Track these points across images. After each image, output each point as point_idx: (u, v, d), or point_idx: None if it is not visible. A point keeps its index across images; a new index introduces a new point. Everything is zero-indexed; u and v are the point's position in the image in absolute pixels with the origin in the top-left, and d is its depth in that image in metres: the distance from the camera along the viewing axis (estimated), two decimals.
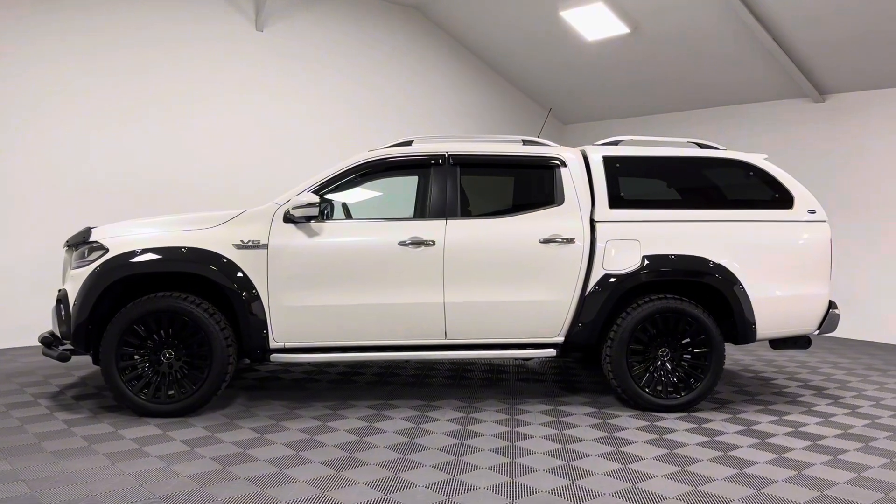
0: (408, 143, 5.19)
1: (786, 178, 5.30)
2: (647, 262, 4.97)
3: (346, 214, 5.42)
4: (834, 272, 5.35)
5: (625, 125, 10.65)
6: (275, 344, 4.78)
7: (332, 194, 5.00)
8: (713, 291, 5.09)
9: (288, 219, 4.80)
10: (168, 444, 4.12)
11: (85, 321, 4.57)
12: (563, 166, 5.16)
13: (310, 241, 4.79)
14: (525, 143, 5.32)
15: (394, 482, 3.63)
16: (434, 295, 4.83)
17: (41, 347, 4.87)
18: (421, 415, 4.87)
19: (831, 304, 5.24)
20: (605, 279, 4.95)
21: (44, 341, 4.88)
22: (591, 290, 4.96)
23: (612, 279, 4.95)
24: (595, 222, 5.05)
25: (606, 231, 5.02)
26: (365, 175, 5.07)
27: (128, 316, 4.57)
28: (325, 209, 4.87)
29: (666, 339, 5.02)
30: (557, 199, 5.09)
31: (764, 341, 5.28)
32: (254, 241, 4.73)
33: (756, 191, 5.27)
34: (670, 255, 5.00)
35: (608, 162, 5.21)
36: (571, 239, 4.96)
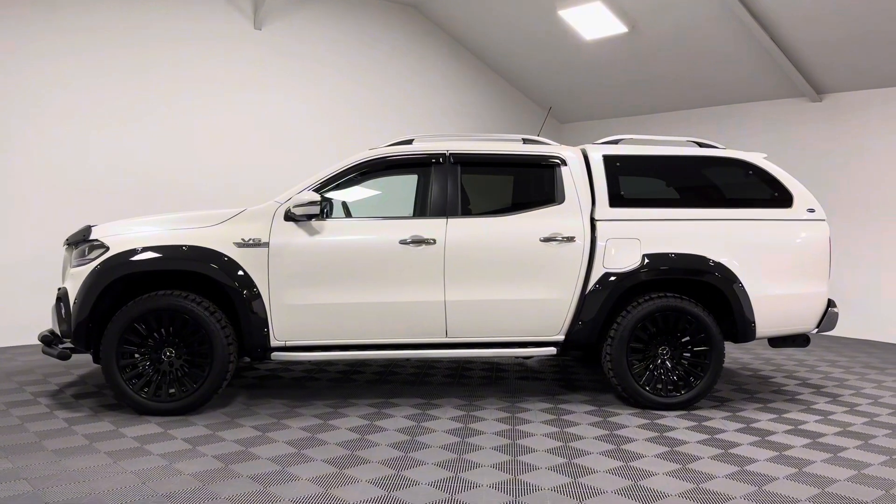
0: (408, 142, 5.19)
1: (785, 177, 5.32)
2: (647, 260, 4.98)
3: (347, 213, 5.41)
4: (832, 271, 5.37)
5: (623, 124, 10.65)
6: (275, 342, 4.78)
7: (333, 193, 5.00)
8: (713, 290, 5.11)
9: (289, 217, 4.80)
10: (169, 443, 4.12)
11: (85, 319, 4.57)
12: (564, 165, 5.17)
13: (311, 240, 4.79)
14: (525, 141, 5.32)
15: (396, 480, 3.64)
16: (435, 293, 4.84)
17: (41, 346, 4.87)
18: (422, 413, 4.87)
19: (830, 303, 5.26)
20: (606, 278, 4.97)
21: (44, 340, 4.87)
22: (592, 289, 4.97)
23: (613, 278, 4.97)
24: (595, 221, 5.06)
25: (607, 230, 5.03)
26: (365, 173, 5.07)
27: (128, 314, 4.57)
28: (326, 207, 4.88)
29: (666, 338, 5.03)
30: (558, 198, 5.10)
31: (763, 340, 5.30)
32: (255, 239, 4.73)
33: (755, 190, 5.29)
34: (670, 253, 5.01)
35: (608, 161, 5.22)
36: (572, 237, 4.97)
